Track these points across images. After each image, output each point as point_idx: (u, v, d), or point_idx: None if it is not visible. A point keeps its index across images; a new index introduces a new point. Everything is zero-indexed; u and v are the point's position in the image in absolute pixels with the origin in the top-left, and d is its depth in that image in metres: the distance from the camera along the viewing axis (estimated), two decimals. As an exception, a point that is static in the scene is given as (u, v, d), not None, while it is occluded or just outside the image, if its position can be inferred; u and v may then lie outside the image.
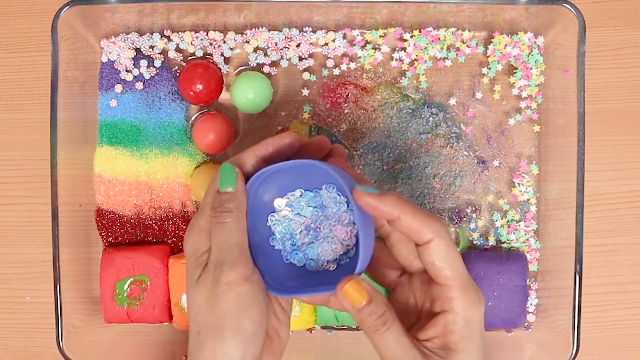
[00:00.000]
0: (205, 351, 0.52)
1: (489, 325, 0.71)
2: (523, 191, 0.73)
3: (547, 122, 0.72)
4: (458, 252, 0.52)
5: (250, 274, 0.51)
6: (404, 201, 0.51)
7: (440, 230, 0.51)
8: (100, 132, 0.72)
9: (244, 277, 0.51)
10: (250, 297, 0.51)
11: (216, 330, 0.51)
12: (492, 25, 0.71)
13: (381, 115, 0.73)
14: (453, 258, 0.51)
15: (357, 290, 0.51)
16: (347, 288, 0.51)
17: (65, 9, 0.65)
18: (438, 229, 0.51)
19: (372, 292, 0.51)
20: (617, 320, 0.75)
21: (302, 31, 0.72)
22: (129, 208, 0.72)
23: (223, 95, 0.73)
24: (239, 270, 0.51)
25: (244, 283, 0.51)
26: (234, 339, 0.51)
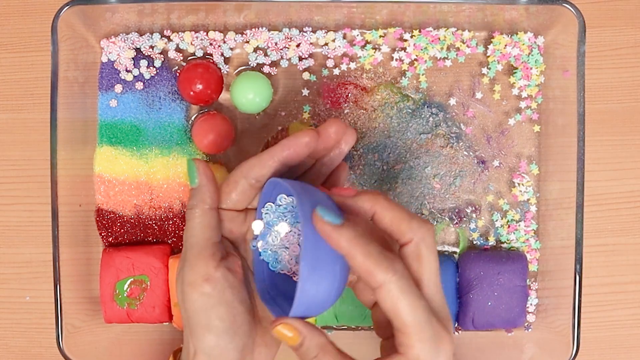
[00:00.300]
0: (188, 346, 0.53)
1: (489, 325, 0.71)
2: (523, 191, 0.73)
3: (547, 122, 0.73)
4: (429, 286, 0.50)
5: (212, 273, 0.51)
6: (383, 197, 0.50)
7: (420, 232, 0.50)
8: (100, 132, 0.72)
9: (203, 277, 0.51)
10: (215, 297, 0.51)
11: (190, 328, 0.52)
12: (492, 25, 0.71)
13: (381, 115, 0.73)
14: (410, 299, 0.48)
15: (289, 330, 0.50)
16: (278, 329, 0.50)
17: (65, 9, 0.65)
18: (419, 230, 0.50)
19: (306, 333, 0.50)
20: (617, 320, 0.75)
21: (302, 31, 0.72)
22: (129, 208, 0.72)
23: (223, 95, 0.73)
24: (197, 270, 0.51)
25: (205, 283, 0.50)
26: (207, 337, 0.51)
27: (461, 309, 0.71)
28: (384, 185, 0.73)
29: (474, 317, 0.70)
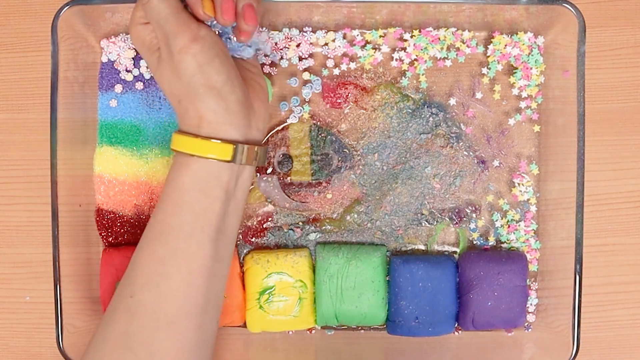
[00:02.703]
0: (190, 113, 0.56)
1: (489, 325, 0.71)
2: (523, 191, 0.73)
3: (547, 122, 0.73)
4: None
5: (197, 33, 0.55)
6: None
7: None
8: (100, 132, 0.72)
9: (190, 38, 0.54)
10: (206, 52, 0.55)
11: (192, 93, 0.56)
12: (492, 25, 0.71)
13: (381, 115, 0.73)
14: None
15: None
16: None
17: (65, 9, 0.65)
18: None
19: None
20: (617, 320, 0.75)
21: (302, 31, 0.72)
22: (129, 208, 0.72)
23: (223, 95, 0.73)
24: (183, 34, 0.54)
25: (194, 43, 0.54)
26: (210, 94, 0.55)
27: (461, 309, 0.71)
28: (384, 185, 0.73)
29: (474, 317, 0.70)
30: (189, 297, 0.57)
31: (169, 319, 0.56)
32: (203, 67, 0.55)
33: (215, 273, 0.58)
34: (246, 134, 0.58)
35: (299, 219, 0.73)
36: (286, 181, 0.73)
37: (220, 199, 0.57)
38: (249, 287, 0.71)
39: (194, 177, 0.57)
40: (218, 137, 0.56)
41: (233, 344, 0.74)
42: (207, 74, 0.55)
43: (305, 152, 0.73)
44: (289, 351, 0.74)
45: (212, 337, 0.60)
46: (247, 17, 0.57)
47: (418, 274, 0.70)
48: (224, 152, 0.57)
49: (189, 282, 0.57)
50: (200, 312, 0.58)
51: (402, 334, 0.71)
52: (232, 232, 0.60)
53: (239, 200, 0.60)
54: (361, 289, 0.70)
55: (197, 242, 0.57)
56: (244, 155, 0.58)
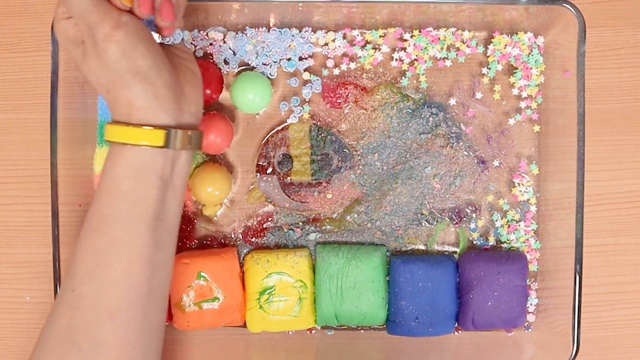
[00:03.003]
0: (120, 101, 0.56)
1: (489, 325, 0.71)
2: (523, 191, 0.73)
3: (547, 122, 0.73)
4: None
5: (119, 20, 0.55)
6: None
7: None
8: (100, 132, 0.72)
9: (113, 25, 0.54)
10: (130, 38, 0.55)
11: (120, 81, 0.55)
12: (492, 25, 0.71)
13: (381, 115, 0.73)
14: None
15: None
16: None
17: (65, 9, 0.65)
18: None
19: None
20: (617, 320, 0.75)
21: (302, 31, 0.72)
22: (129, 208, 0.72)
23: (223, 95, 0.73)
24: (105, 23, 0.54)
25: (117, 30, 0.54)
26: (137, 79, 0.55)
27: (461, 309, 0.71)
28: (384, 185, 0.73)
29: (474, 317, 0.70)
30: (131, 287, 0.57)
31: (111, 310, 0.56)
32: (127, 53, 0.55)
33: (157, 261, 0.58)
34: (178, 119, 0.58)
35: (299, 219, 0.73)
36: (286, 181, 0.73)
37: (156, 186, 0.57)
38: (249, 287, 0.71)
39: (128, 166, 0.56)
40: (149, 123, 0.56)
41: (233, 344, 0.74)
42: (132, 60, 0.55)
43: (305, 152, 0.73)
44: (289, 351, 0.74)
45: (159, 326, 0.60)
46: (163, 13, 0.57)
47: (418, 274, 0.70)
48: (155, 138, 0.56)
49: (130, 272, 0.56)
50: (144, 301, 0.57)
51: (402, 334, 0.71)
52: (172, 219, 0.59)
53: (177, 186, 0.59)
54: (361, 289, 0.70)
55: (135, 231, 0.57)
56: (177, 140, 0.57)
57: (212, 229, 0.74)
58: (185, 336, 0.74)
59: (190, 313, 0.70)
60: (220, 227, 0.74)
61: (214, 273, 0.70)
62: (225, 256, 0.71)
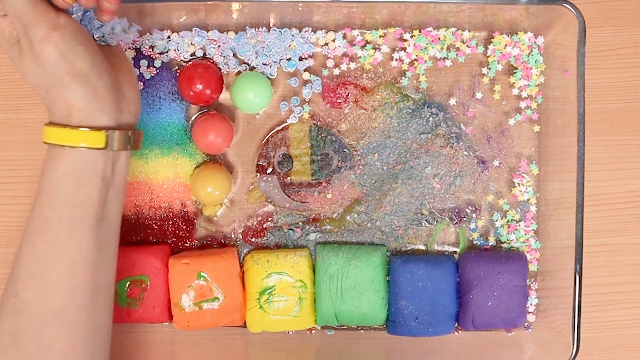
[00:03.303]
0: (59, 103, 0.56)
1: (489, 325, 0.71)
2: (523, 191, 0.73)
3: (547, 122, 0.73)
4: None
5: (56, 21, 0.54)
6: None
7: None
8: (100, 132, 0.72)
9: (50, 27, 0.54)
10: (68, 40, 0.54)
11: (58, 83, 0.55)
12: (492, 25, 0.71)
13: (381, 115, 0.73)
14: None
15: None
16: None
17: (65, 9, 0.65)
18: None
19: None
20: (617, 320, 0.75)
21: (302, 31, 0.72)
22: (129, 208, 0.72)
23: (223, 95, 0.73)
24: (41, 24, 0.54)
25: (54, 32, 0.54)
26: (77, 81, 0.55)
27: (461, 309, 0.71)
28: (384, 185, 0.73)
29: (474, 317, 0.70)
30: (75, 288, 0.56)
31: (56, 313, 0.56)
32: (66, 55, 0.54)
33: (101, 261, 0.58)
34: (118, 119, 0.58)
35: (299, 219, 0.73)
36: (286, 181, 0.73)
37: (97, 187, 0.57)
38: (249, 287, 0.71)
39: (69, 168, 0.56)
40: (89, 125, 0.56)
41: (233, 344, 0.74)
42: (71, 62, 0.54)
43: (305, 152, 0.73)
44: (289, 351, 0.74)
45: (105, 326, 0.60)
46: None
47: (418, 274, 0.70)
48: (96, 140, 0.56)
49: (73, 274, 0.56)
50: (88, 302, 0.57)
51: (402, 334, 0.71)
52: (114, 219, 0.59)
53: (117, 186, 0.59)
54: (361, 289, 0.70)
55: (78, 233, 0.56)
56: (117, 140, 0.57)
57: (212, 229, 0.74)
58: (185, 336, 0.74)
59: (190, 313, 0.70)
60: (220, 227, 0.74)
61: (214, 273, 0.70)
62: (225, 256, 0.71)
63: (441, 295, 0.70)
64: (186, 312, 0.70)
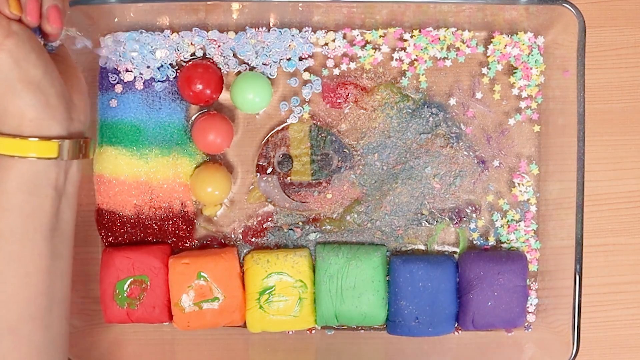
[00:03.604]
0: (10, 112, 0.55)
1: (489, 325, 0.71)
2: (523, 191, 0.73)
3: (547, 122, 0.73)
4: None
5: (9, 29, 0.54)
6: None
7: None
8: (100, 132, 0.72)
9: (3, 34, 0.53)
10: (21, 47, 0.54)
11: (11, 91, 0.54)
12: (492, 25, 0.71)
13: (381, 115, 0.73)
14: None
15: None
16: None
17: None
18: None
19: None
20: (617, 320, 0.75)
21: (302, 31, 0.72)
22: (129, 208, 0.72)
23: (223, 95, 0.73)
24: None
25: (7, 39, 0.53)
26: (29, 89, 0.54)
27: (461, 309, 0.71)
28: (384, 185, 0.73)
29: (474, 317, 0.70)
30: (29, 299, 0.56)
31: (11, 324, 0.55)
32: (19, 62, 0.54)
33: (55, 271, 0.58)
34: (68, 128, 0.57)
35: (299, 219, 0.73)
36: (286, 181, 0.73)
37: (50, 197, 0.56)
38: (249, 287, 0.71)
39: (21, 179, 0.55)
40: (41, 134, 0.55)
41: (233, 344, 0.74)
42: (24, 69, 0.54)
43: (305, 152, 0.73)
44: (289, 351, 0.74)
45: (62, 335, 0.59)
46: (51, 19, 0.57)
47: (418, 274, 0.70)
48: (48, 150, 0.55)
49: (27, 285, 0.56)
50: (44, 313, 0.57)
51: (402, 334, 0.71)
52: (67, 228, 0.59)
53: (70, 195, 0.59)
54: (361, 289, 0.70)
55: (32, 244, 0.56)
56: (69, 150, 0.57)
57: (212, 229, 0.74)
58: (185, 336, 0.74)
59: (190, 313, 0.70)
60: (220, 227, 0.74)
61: (214, 273, 0.70)
62: (225, 256, 0.71)
63: (441, 295, 0.70)
64: (186, 312, 0.70)
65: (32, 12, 0.55)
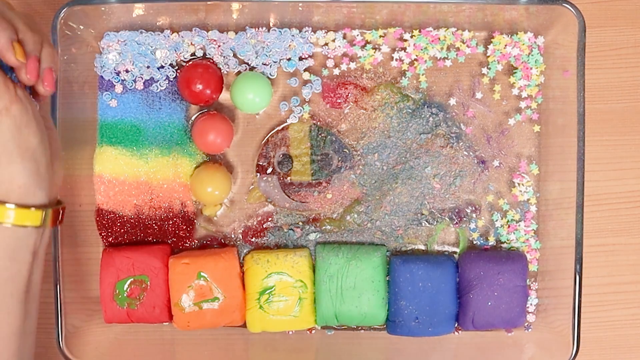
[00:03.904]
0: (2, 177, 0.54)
1: (489, 325, 0.71)
2: (523, 191, 0.73)
3: (547, 122, 0.73)
4: None
5: (15, 94, 0.54)
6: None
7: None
8: (100, 132, 0.72)
9: (10, 100, 0.53)
10: (25, 114, 0.54)
11: (7, 156, 0.54)
12: (492, 25, 0.71)
13: (381, 115, 0.73)
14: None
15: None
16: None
17: (65, 9, 0.65)
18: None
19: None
20: (617, 320, 0.75)
21: (302, 31, 0.72)
22: (129, 208, 0.72)
23: (223, 95, 0.73)
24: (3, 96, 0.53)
25: (14, 104, 0.53)
26: (25, 156, 0.54)
27: (461, 309, 0.71)
28: (384, 185, 0.73)
29: (474, 317, 0.70)
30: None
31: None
32: (21, 129, 0.54)
33: (27, 330, 0.58)
34: (50, 195, 0.57)
35: (299, 219, 0.73)
36: (286, 181, 0.73)
37: (28, 262, 0.56)
38: (249, 287, 0.71)
39: (2, 245, 0.55)
40: (26, 202, 0.55)
41: (233, 344, 0.74)
42: (24, 136, 0.54)
43: (305, 152, 0.73)
44: (289, 351, 0.74)
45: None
46: (46, 81, 0.56)
47: (418, 274, 0.70)
48: (33, 219, 0.55)
49: (2, 349, 0.56)
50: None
51: (402, 334, 0.71)
52: (37, 288, 0.59)
53: (41, 257, 0.59)
54: (361, 289, 0.70)
55: (7, 307, 0.56)
56: (50, 218, 0.57)
57: (212, 229, 0.74)
58: (185, 336, 0.74)
59: (190, 313, 0.70)
60: (220, 227, 0.74)
61: (214, 273, 0.70)
62: (225, 256, 0.71)
63: (441, 295, 0.70)
64: (186, 312, 0.70)
65: (33, 70, 0.55)
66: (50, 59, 0.56)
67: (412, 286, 0.70)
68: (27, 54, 0.55)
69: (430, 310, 0.70)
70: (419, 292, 0.70)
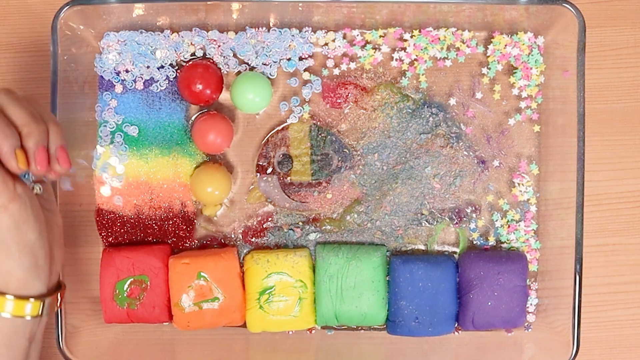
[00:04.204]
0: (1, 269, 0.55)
1: (489, 325, 0.71)
2: (523, 191, 0.73)
3: (547, 122, 0.73)
4: None
5: (14, 191, 0.54)
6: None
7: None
8: (100, 132, 0.72)
9: (9, 198, 0.53)
10: (24, 211, 0.54)
11: (5, 251, 0.54)
12: (492, 25, 0.71)
13: (381, 115, 0.73)
14: None
15: None
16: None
17: (65, 9, 0.65)
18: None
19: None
20: (617, 320, 0.75)
21: (302, 31, 0.72)
22: (129, 208, 0.72)
23: (223, 95, 0.73)
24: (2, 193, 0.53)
25: (12, 202, 0.54)
26: (23, 252, 0.55)
27: (461, 309, 0.71)
28: (384, 185, 0.73)
29: (474, 317, 0.70)
30: None
31: None
32: (19, 226, 0.54)
33: None
34: (49, 284, 0.58)
35: (299, 219, 0.73)
36: (286, 181, 0.73)
37: (24, 348, 0.57)
38: (249, 287, 0.71)
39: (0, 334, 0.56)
40: (25, 294, 0.56)
41: (233, 344, 0.74)
42: (22, 232, 0.55)
43: (305, 152, 0.73)
44: (289, 351, 0.74)
45: None
46: (61, 160, 0.56)
47: (418, 274, 0.70)
48: (32, 309, 0.56)
49: None
50: None
51: (402, 334, 0.71)
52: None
53: (38, 340, 0.59)
54: (361, 289, 0.70)
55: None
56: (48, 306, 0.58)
57: (212, 229, 0.74)
58: (185, 336, 0.74)
59: (190, 313, 0.70)
60: (220, 227, 0.74)
61: (214, 273, 0.70)
62: (225, 256, 0.71)
63: (441, 295, 0.70)
64: (186, 312, 0.70)
65: (42, 162, 0.55)
66: (59, 138, 0.56)
67: (412, 286, 0.70)
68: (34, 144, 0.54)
69: (430, 310, 0.70)
70: (419, 292, 0.70)
